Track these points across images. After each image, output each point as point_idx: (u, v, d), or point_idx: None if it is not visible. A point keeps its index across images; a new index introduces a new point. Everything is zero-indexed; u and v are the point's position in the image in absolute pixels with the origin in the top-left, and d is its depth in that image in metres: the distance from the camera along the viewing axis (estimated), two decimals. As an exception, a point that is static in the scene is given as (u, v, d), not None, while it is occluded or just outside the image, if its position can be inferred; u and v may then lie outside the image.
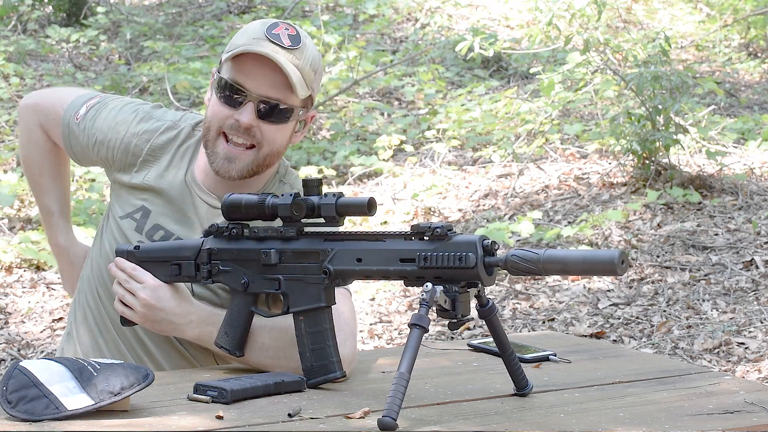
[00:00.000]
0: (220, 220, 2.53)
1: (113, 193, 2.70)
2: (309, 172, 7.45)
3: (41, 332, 5.54)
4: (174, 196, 2.60)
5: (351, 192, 7.39)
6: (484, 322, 2.24)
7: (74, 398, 2.00)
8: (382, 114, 9.01)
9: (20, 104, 2.85)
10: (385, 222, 6.83)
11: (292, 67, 2.45)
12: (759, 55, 10.56)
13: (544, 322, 5.52)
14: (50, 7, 11.54)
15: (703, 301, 5.60)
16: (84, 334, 2.70)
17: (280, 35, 2.47)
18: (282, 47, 2.46)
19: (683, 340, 5.21)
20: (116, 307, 2.49)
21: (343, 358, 2.33)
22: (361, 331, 5.45)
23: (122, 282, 2.47)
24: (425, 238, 2.15)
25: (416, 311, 2.07)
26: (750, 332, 5.21)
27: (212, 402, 2.12)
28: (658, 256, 6.13)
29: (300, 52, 2.47)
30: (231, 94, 2.48)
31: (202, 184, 2.60)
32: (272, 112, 2.49)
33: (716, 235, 6.34)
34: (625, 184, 7.09)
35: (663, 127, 6.85)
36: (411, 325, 2.05)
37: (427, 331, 2.06)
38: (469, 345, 2.71)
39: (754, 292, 5.65)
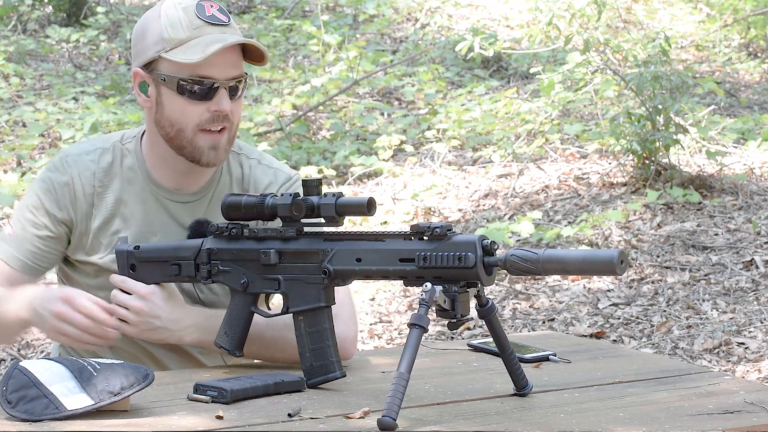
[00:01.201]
0: (194, 212, 2.53)
1: (76, 260, 2.61)
2: (309, 172, 7.45)
3: (41, 332, 5.54)
4: (141, 210, 2.56)
5: (351, 192, 7.39)
6: (484, 322, 2.25)
7: (74, 398, 2.00)
8: (382, 114, 9.01)
9: None
10: (385, 222, 6.83)
11: (246, 39, 2.46)
12: (759, 55, 10.56)
13: (544, 322, 5.52)
14: (50, 7, 11.54)
15: (703, 301, 5.61)
16: None
17: (215, 15, 2.45)
18: (225, 25, 2.45)
19: (683, 340, 5.21)
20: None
21: (348, 336, 2.38)
22: (361, 331, 5.44)
23: (112, 297, 2.45)
24: (425, 238, 2.15)
25: (416, 311, 2.07)
26: (750, 332, 5.21)
27: (212, 402, 2.12)
28: (658, 256, 6.13)
29: (233, 24, 2.49)
30: (202, 88, 2.44)
31: (162, 182, 2.57)
32: (237, 89, 2.48)
33: (716, 235, 6.34)
34: (625, 184, 7.09)
35: (663, 127, 6.85)
36: (410, 325, 2.06)
37: (426, 330, 2.06)
38: (469, 345, 2.71)
39: (754, 292, 5.65)
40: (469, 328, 5.39)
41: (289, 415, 2.05)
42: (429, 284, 2.09)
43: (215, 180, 2.59)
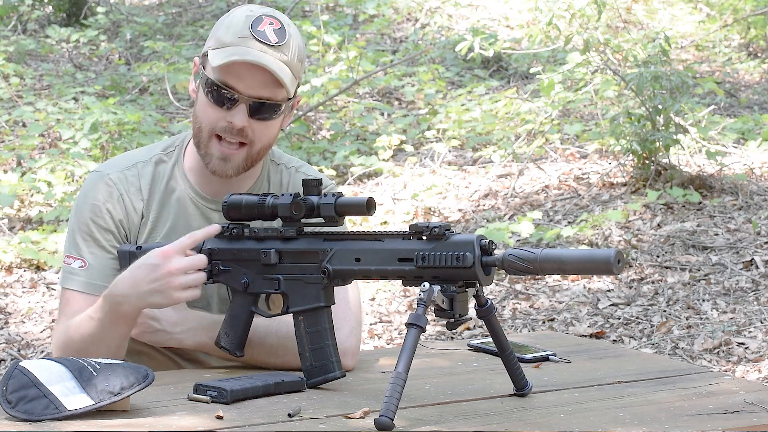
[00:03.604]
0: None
1: None
2: (309, 172, 7.43)
3: (41, 332, 5.55)
4: (183, 220, 2.55)
5: (351, 192, 7.39)
6: (483, 322, 2.25)
7: (74, 398, 2.00)
8: (382, 114, 9.01)
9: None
10: (385, 222, 6.83)
11: (282, 66, 2.41)
12: (759, 55, 10.56)
13: (544, 322, 5.52)
14: (50, 7, 11.54)
15: (703, 301, 5.61)
16: None
17: (266, 32, 2.41)
18: (269, 45, 2.40)
19: (683, 340, 5.21)
20: None
21: (348, 349, 2.38)
22: (362, 331, 5.44)
23: None
24: (423, 237, 2.15)
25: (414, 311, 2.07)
26: (750, 332, 5.21)
27: (212, 402, 2.13)
28: (658, 256, 6.13)
29: (287, 47, 2.42)
30: (221, 95, 2.42)
31: (202, 191, 2.56)
32: (263, 110, 2.44)
33: (716, 235, 6.34)
34: (625, 184, 7.09)
35: (663, 127, 6.85)
36: (408, 325, 2.06)
37: (424, 330, 2.06)
38: (468, 345, 2.71)
39: (754, 292, 5.65)
40: (469, 328, 5.40)
41: (289, 415, 2.06)
42: (427, 284, 2.09)
43: (255, 190, 2.58)
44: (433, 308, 2.11)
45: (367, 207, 2.20)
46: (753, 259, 5.98)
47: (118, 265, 2.50)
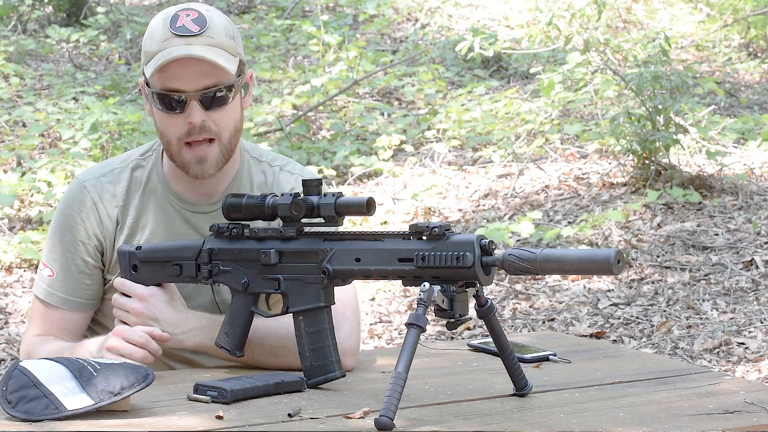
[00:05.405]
0: (215, 222, 2.52)
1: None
2: (309, 172, 7.42)
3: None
4: (163, 223, 2.56)
5: (351, 192, 7.39)
6: (483, 322, 2.25)
7: (74, 398, 2.01)
8: (382, 114, 9.00)
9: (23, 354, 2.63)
10: (385, 222, 6.83)
11: (212, 49, 2.40)
12: (759, 55, 10.56)
13: (544, 322, 5.52)
14: (50, 7, 11.54)
15: (703, 301, 5.60)
16: None
17: (185, 26, 2.41)
18: (192, 36, 2.40)
19: (683, 340, 5.21)
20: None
21: (348, 349, 2.38)
22: (361, 331, 5.44)
23: (113, 301, 2.45)
24: (423, 237, 2.15)
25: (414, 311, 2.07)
26: (750, 332, 5.21)
27: (212, 402, 2.13)
28: (658, 256, 6.13)
29: (211, 30, 2.42)
30: (170, 101, 2.42)
31: (181, 192, 2.56)
32: (216, 99, 2.43)
33: (716, 235, 6.34)
34: (625, 184, 7.09)
35: (663, 127, 6.85)
36: (408, 325, 2.06)
37: (424, 330, 2.06)
38: (468, 345, 2.71)
39: (754, 292, 5.65)
40: (469, 328, 5.40)
41: (289, 415, 2.06)
42: (427, 284, 2.09)
43: (234, 189, 2.57)
44: (433, 308, 2.11)
45: (367, 207, 2.20)
46: (753, 259, 5.98)
47: (88, 279, 2.54)
